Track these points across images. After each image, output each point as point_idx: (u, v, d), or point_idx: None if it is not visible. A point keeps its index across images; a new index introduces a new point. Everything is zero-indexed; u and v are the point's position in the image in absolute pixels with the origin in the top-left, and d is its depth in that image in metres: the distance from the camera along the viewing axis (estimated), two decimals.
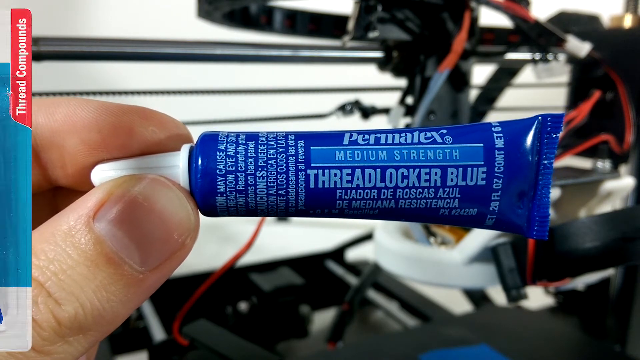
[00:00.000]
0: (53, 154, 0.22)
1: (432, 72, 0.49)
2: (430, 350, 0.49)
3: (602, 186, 0.47)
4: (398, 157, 0.20)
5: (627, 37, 0.56)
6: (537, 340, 0.53)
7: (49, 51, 0.41)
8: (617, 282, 0.57)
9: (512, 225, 0.21)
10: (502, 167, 0.20)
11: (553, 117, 0.20)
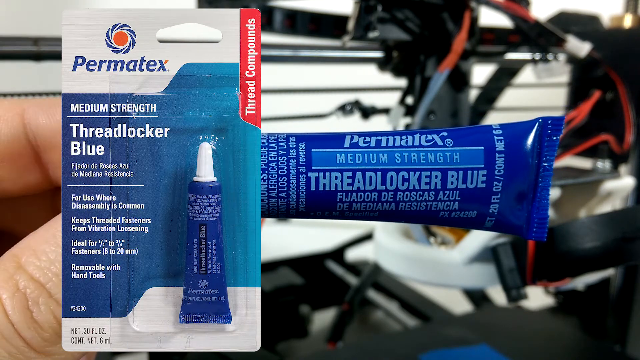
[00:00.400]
0: (54, 155, 0.22)
1: (432, 72, 0.49)
2: (430, 350, 0.49)
3: (602, 186, 0.47)
4: (399, 160, 0.20)
5: (627, 37, 0.56)
6: (537, 340, 0.53)
7: (49, 51, 0.41)
8: (617, 282, 0.57)
9: (511, 227, 0.21)
10: (502, 170, 0.20)
11: (553, 120, 0.20)
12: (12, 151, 0.21)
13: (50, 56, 0.42)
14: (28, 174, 0.22)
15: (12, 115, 0.21)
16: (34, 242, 0.19)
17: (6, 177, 0.22)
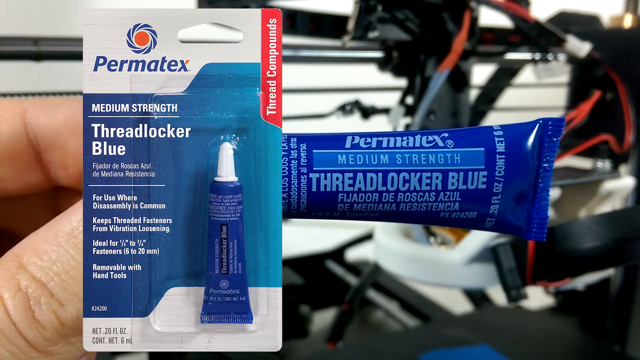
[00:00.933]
0: (55, 155, 0.22)
1: (432, 72, 0.49)
2: (430, 350, 0.49)
3: (602, 186, 0.47)
4: (400, 160, 0.20)
5: (627, 37, 0.56)
6: (537, 340, 0.53)
7: (49, 51, 0.41)
8: (617, 282, 0.57)
9: (511, 227, 0.21)
10: (502, 171, 0.20)
11: (554, 121, 0.20)
12: (13, 151, 0.21)
13: (50, 56, 0.42)
14: (29, 173, 0.22)
15: (12, 115, 0.21)
16: (35, 242, 0.19)
17: (7, 176, 0.22)
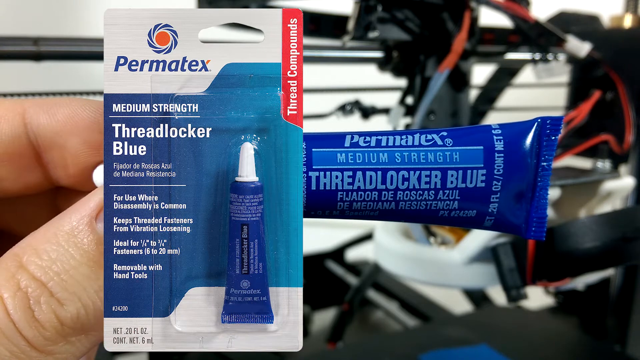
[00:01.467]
0: (55, 154, 0.22)
1: (432, 72, 0.49)
2: (430, 350, 0.49)
3: (602, 186, 0.47)
4: (399, 159, 0.20)
5: (627, 37, 0.56)
6: (537, 340, 0.53)
7: (49, 51, 0.41)
8: (617, 282, 0.57)
9: (510, 226, 0.21)
10: (501, 169, 0.20)
11: (552, 120, 0.20)
12: (13, 151, 0.21)
13: (50, 56, 0.42)
14: (29, 173, 0.22)
15: (13, 115, 0.21)
16: (35, 241, 0.19)
17: (7, 176, 0.22)
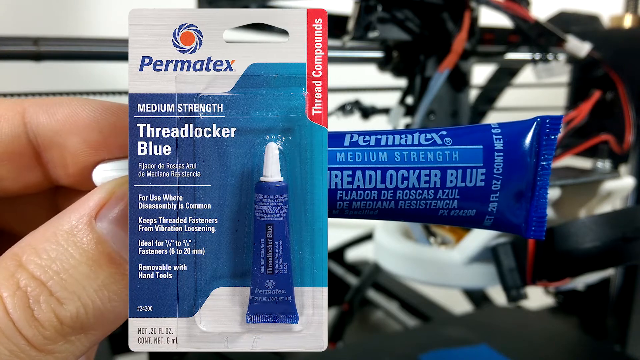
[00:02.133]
0: (54, 154, 0.22)
1: (432, 72, 0.49)
2: (430, 350, 0.49)
3: (602, 186, 0.47)
4: (398, 158, 0.20)
5: (627, 37, 0.56)
6: (537, 340, 0.53)
7: (49, 51, 0.41)
8: (617, 282, 0.57)
9: (510, 226, 0.21)
10: (501, 168, 0.20)
11: (552, 119, 0.20)
12: (13, 150, 0.21)
13: (50, 56, 0.42)
14: (28, 173, 0.22)
15: (12, 114, 0.21)
16: (34, 241, 0.19)
17: (6, 176, 0.22)
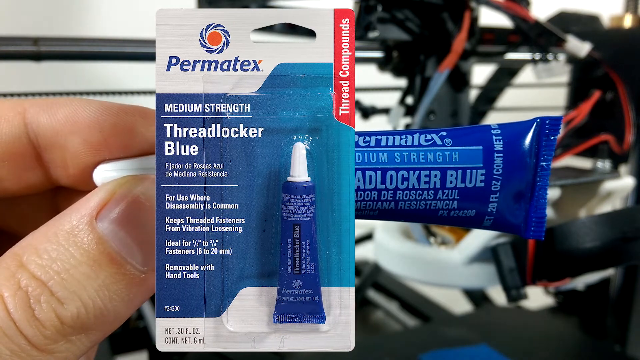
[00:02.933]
0: (55, 154, 0.22)
1: (432, 72, 0.49)
2: (430, 350, 0.49)
3: (602, 186, 0.47)
4: (398, 159, 0.20)
5: (627, 37, 0.56)
6: (537, 340, 0.53)
7: (49, 51, 0.41)
8: (617, 282, 0.57)
9: (509, 226, 0.21)
10: (500, 169, 0.20)
11: (551, 120, 0.20)
12: (14, 151, 0.21)
13: (50, 56, 0.42)
14: (29, 173, 0.22)
15: (13, 114, 0.21)
16: (35, 241, 0.19)
17: (7, 176, 0.22)
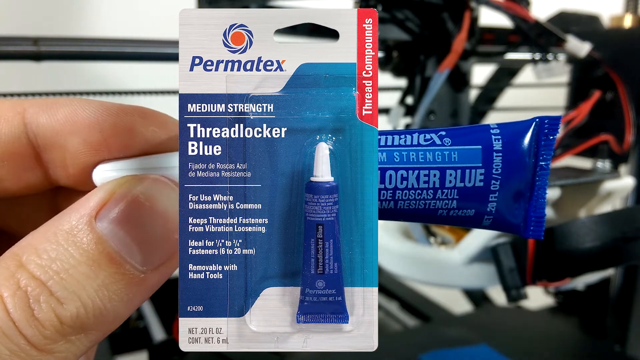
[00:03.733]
0: (54, 154, 0.22)
1: (432, 72, 0.49)
2: (430, 350, 0.49)
3: (602, 186, 0.47)
4: (397, 158, 0.20)
5: (627, 37, 0.56)
6: (537, 340, 0.53)
7: (49, 51, 0.41)
8: (617, 282, 0.57)
9: (508, 225, 0.21)
10: (499, 168, 0.20)
11: (550, 120, 0.20)
12: (13, 151, 0.21)
13: (50, 56, 0.42)
14: (28, 173, 0.22)
15: (12, 114, 0.21)
16: (34, 241, 0.19)
17: (7, 176, 0.22)
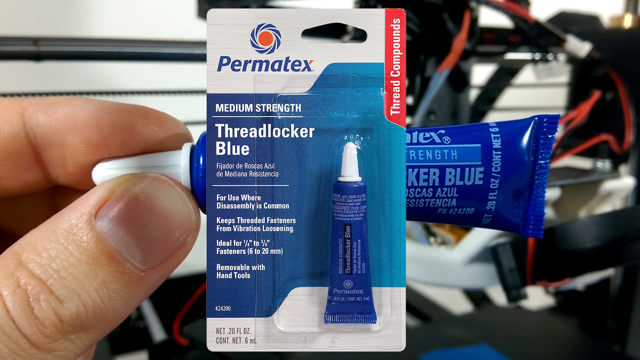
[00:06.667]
0: (54, 153, 0.22)
1: (432, 72, 0.49)
2: (430, 350, 0.49)
3: (602, 186, 0.47)
4: None
5: (627, 37, 0.56)
6: (537, 340, 0.53)
7: (49, 51, 0.41)
8: (617, 282, 0.57)
9: (508, 224, 0.21)
10: (499, 167, 0.20)
11: (549, 118, 0.20)
12: (12, 149, 0.21)
13: (50, 56, 0.42)
14: (28, 172, 0.22)
15: (12, 113, 0.21)
16: (34, 239, 0.19)
17: (6, 175, 0.22)
